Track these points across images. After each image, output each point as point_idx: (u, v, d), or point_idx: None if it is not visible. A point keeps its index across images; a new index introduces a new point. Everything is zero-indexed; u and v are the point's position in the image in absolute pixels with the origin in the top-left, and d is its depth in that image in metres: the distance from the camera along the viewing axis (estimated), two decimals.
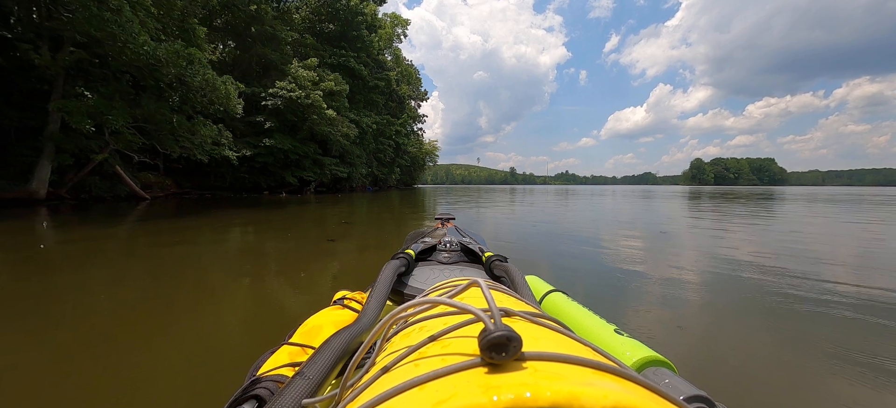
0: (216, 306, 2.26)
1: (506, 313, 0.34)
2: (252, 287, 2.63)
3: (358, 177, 31.23)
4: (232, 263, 3.46)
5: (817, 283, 2.75)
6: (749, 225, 6.45)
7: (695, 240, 4.87)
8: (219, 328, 1.91)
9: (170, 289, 2.55)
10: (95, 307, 2.18)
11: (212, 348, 1.68)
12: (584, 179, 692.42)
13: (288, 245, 4.39)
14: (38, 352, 1.60)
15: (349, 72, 31.13)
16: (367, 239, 5.16)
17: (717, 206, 12.32)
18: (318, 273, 3.09)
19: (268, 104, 20.50)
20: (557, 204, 13.31)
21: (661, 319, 2.06)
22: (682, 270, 3.14)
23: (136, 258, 3.58)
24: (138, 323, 1.94)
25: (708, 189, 63.96)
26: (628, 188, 71.22)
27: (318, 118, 22.10)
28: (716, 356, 1.64)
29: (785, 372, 1.49)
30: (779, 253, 3.91)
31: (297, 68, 20.94)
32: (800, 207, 11.24)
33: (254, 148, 20.68)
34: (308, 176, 24.23)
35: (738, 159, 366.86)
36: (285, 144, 21.24)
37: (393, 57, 52.88)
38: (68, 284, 2.62)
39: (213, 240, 4.76)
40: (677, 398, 0.24)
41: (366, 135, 33.27)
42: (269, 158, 21.33)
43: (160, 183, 20.12)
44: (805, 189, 59.34)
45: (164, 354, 1.61)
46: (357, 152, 30.85)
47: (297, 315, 2.09)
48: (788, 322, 2.01)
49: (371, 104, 36.35)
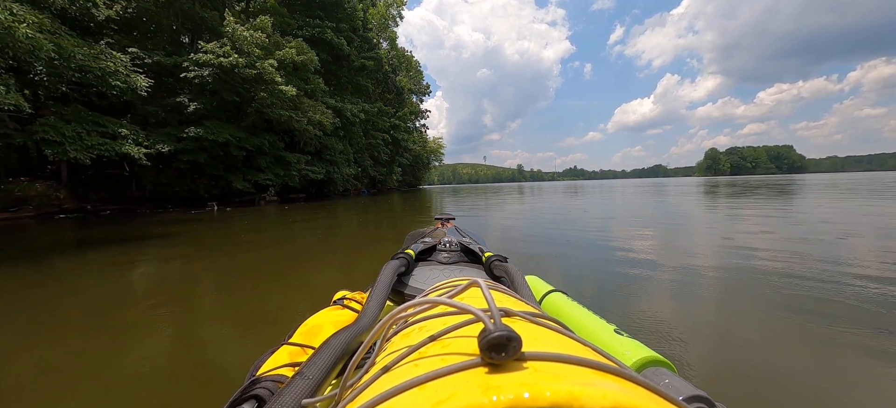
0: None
1: (505, 313, 0.34)
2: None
3: (342, 178, 24.87)
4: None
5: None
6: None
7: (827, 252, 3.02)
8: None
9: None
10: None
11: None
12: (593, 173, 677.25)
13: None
14: None
15: (327, 47, 24.80)
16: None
17: (768, 199, 9.72)
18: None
19: (191, 77, 14.22)
20: (579, 204, 10.79)
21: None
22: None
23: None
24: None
25: (728, 179, 60.70)
26: (639, 182, 68.96)
27: (270, 98, 15.79)
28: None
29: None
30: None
31: (234, 26, 14.61)
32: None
33: (177, 141, 14.48)
34: (267, 179, 17.97)
35: (755, 148, 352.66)
36: (222, 133, 14.97)
37: (388, 43, 46.62)
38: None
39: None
40: (677, 398, 0.24)
41: (352, 127, 26.93)
42: (201, 155, 15.07)
43: (45, 196, 14.05)
44: (831, 177, 54.79)
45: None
46: (339, 148, 24.51)
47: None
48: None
49: (359, 90, 29.97)
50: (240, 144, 16.00)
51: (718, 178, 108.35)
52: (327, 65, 26.61)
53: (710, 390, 0.43)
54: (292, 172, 19.01)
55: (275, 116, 16.48)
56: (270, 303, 2.34)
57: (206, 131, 14.48)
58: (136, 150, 13.32)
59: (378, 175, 41.21)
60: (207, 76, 14.08)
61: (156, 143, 14.09)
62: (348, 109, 24.91)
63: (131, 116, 15.08)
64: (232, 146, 15.74)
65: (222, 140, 14.88)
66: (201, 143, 14.67)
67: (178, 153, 14.67)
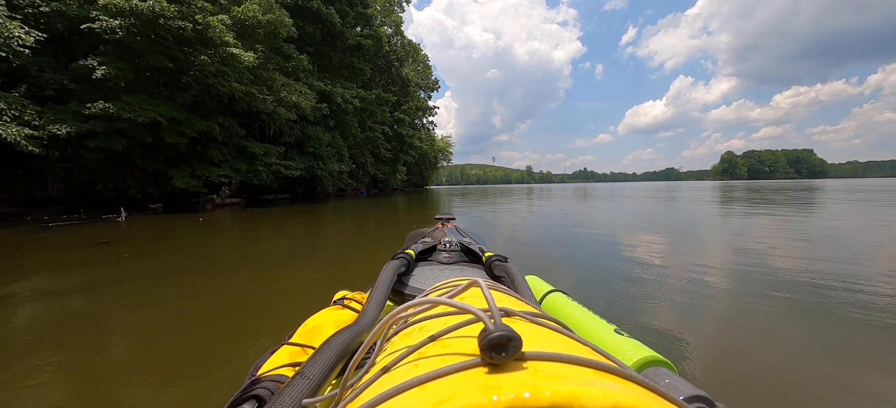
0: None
1: (506, 313, 0.34)
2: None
3: (330, 176, 20.64)
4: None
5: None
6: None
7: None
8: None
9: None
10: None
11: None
12: (603, 176, 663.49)
13: None
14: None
15: (314, 19, 20.61)
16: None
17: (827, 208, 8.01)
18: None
19: (97, 28, 10.03)
20: (603, 209, 9.24)
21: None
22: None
23: None
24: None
25: (744, 184, 56.06)
26: (651, 185, 64.73)
27: (216, 65, 11.56)
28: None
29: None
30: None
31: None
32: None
33: (83, 121, 10.35)
34: (223, 176, 13.79)
35: (774, 151, 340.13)
36: (147, 111, 10.77)
37: (393, 28, 42.37)
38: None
39: None
40: (677, 398, 0.24)
41: (345, 115, 22.69)
42: (118, 141, 10.88)
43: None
44: (857, 182, 49.49)
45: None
46: (326, 139, 20.27)
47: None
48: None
49: (354, 73, 25.72)
50: (177, 128, 11.80)
51: (735, 182, 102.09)
52: (316, 43, 22.43)
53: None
54: (259, 166, 14.77)
55: (227, 91, 12.23)
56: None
57: (122, 108, 10.29)
58: (13, 132, 9.21)
59: (380, 174, 36.91)
60: (118, 27, 9.87)
61: (50, 123, 9.99)
62: (339, 93, 20.66)
63: (27, 87, 11.02)
64: (166, 131, 11.55)
65: (146, 120, 10.68)
66: (116, 124, 10.49)
67: (84, 138, 10.53)
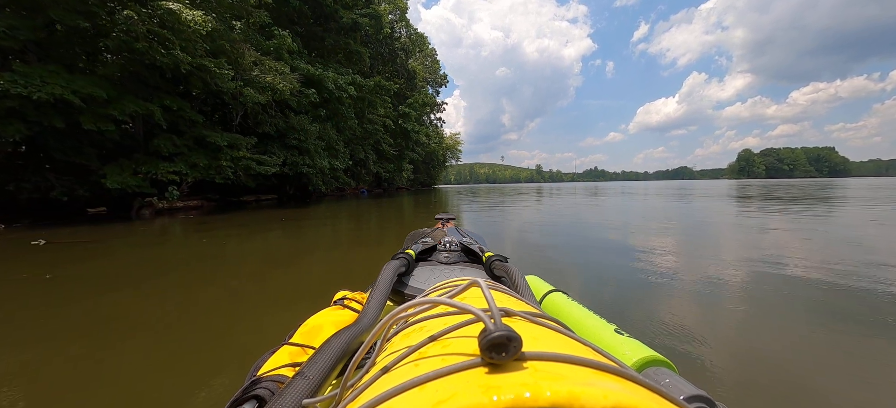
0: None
1: (506, 313, 0.34)
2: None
3: (318, 172, 17.79)
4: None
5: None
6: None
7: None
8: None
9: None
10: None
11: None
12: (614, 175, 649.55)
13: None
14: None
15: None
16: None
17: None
18: None
19: None
20: (635, 213, 8.16)
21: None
22: None
23: None
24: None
25: (761, 183, 51.26)
26: (664, 185, 59.55)
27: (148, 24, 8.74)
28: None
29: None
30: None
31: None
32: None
33: None
34: (175, 172, 11.00)
35: (793, 149, 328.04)
36: (52, 85, 8.00)
37: (397, 14, 39.48)
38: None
39: None
40: (678, 398, 0.24)
41: (339, 105, 19.81)
42: (13, 126, 8.16)
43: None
44: (887, 181, 46.04)
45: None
46: (315, 130, 17.41)
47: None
48: None
49: (350, 57, 22.83)
50: (102, 110, 9.01)
51: (753, 181, 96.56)
52: (307, 24, 19.60)
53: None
54: (223, 161, 11.94)
55: (168, 62, 9.37)
56: None
57: (13, 82, 7.53)
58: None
59: (383, 171, 34.04)
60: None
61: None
62: (331, 78, 17.78)
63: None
64: (85, 116, 8.77)
65: (50, 97, 7.89)
66: (5, 102, 7.74)
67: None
